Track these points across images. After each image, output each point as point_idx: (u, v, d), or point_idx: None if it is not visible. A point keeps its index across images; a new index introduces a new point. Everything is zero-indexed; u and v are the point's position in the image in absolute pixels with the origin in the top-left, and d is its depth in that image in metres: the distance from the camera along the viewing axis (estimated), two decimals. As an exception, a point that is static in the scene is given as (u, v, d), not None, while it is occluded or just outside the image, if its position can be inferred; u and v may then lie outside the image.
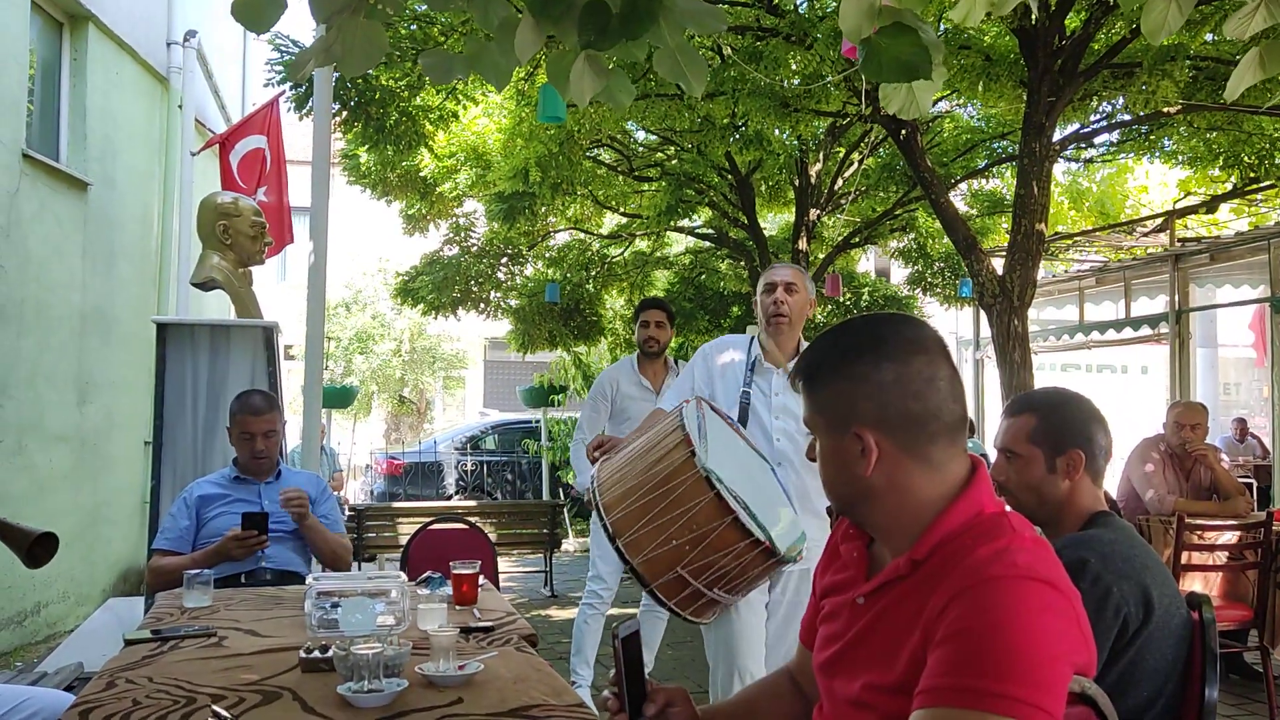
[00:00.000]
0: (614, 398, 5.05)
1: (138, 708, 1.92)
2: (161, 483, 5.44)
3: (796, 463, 3.19)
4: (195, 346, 5.52)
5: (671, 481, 2.18)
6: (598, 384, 5.19)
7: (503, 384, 22.25)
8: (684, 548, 2.16)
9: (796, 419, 3.17)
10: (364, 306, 18.78)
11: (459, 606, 2.87)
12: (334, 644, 2.20)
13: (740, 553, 2.17)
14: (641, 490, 2.23)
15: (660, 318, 5.11)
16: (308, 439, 5.74)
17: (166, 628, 2.64)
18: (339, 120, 6.70)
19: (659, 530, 2.17)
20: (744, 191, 9.74)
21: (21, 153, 6.18)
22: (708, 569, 2.18)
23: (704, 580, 2.17)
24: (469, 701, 1.95)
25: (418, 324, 18.34)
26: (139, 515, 8.07)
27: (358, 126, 6.75)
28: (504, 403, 19.98)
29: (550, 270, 12.01)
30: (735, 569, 2.20)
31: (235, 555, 3.49)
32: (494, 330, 17.67)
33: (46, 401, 6.60)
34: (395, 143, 6.96)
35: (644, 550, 2.19)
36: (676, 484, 2.18)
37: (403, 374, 18.92)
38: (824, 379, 1.45)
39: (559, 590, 8.43)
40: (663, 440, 2.31)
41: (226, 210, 5.78)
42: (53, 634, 6.48)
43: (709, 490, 2.14)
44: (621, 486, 2.29)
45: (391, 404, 19.29)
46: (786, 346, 3.36)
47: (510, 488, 13.35)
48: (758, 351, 3.35)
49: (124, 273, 7.88)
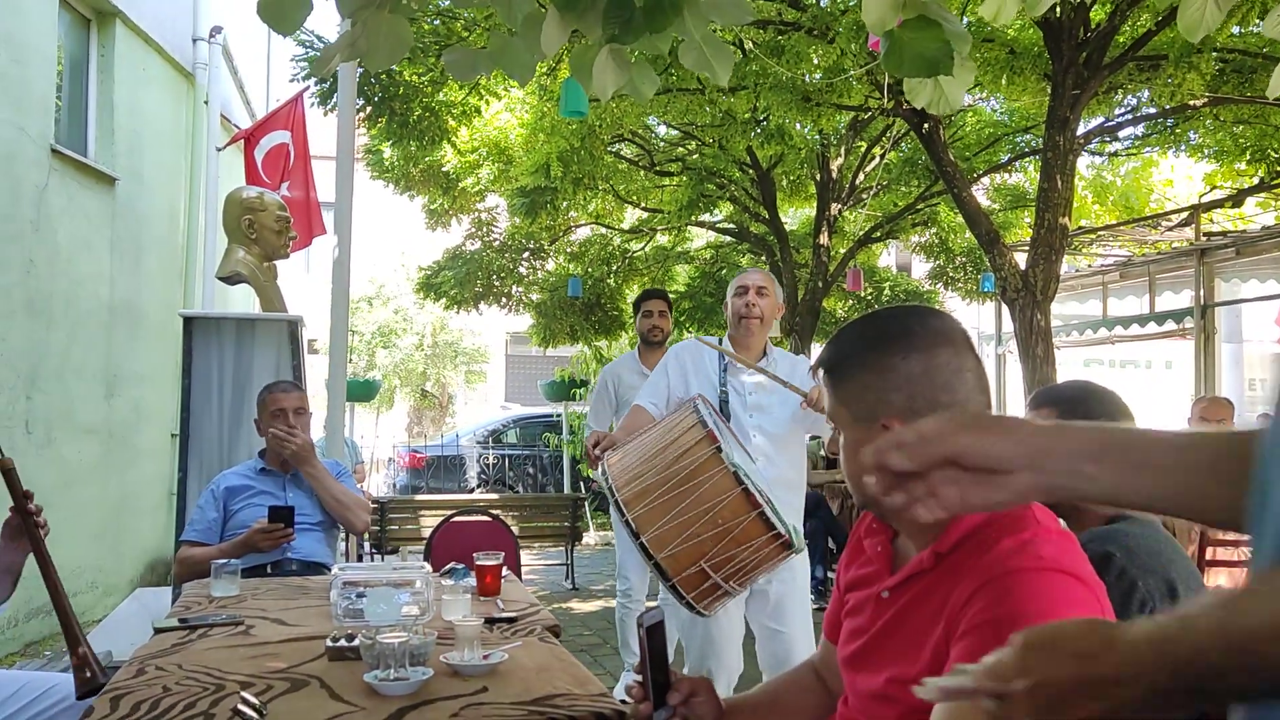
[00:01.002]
0: (617, 390, 5.08)
1: (167, 694, 1.95)
2: (188, 475, 5.51)
3: (774, 458, 3.37)
4: (221, 340, 5.57)
5: (697, 478, 2.21)
6: (600, 379, 5.27)
7: (524, 378, 22.33)
8: (707, 543, 2.19)
9: (771, 417, 3.41)
10: (386, 301, 18.87)
11: (482, 598, 2.89)
12: (360, 633, 2.22)
13: (760, 546, 2.20)
14: (664, 487, 2.25)
15: (662, 307, 5.23)
16: (332, 431, 5.79)
17: (194, 616, 2.67)
18: (363, 116, 6.74)
19: (683, 526, 2.20)
20: (765, 186, 9.72)
21: (50, 148, 6.25)
22: (729, 562, 2.21)
23: (723, 573, 2.20)
24: (494, 690, 1.97)
25: (440, 318, 18.43)
26: (165, 507, 8.15)
27: (381, 122, 6.79)
28: (525, 397, 20.05)
29: (571, 265, 12.03)
30: (752, 562, 2.24)
31: (261, 547, 3.55)
32: (515, 325, 17.73)
33: (75, 394, 6.68)
34: (418, 138, 7.00)
35: (668, 546, 2.22)
36: (701, 480, 2.20)
37: (425, 368, 19.01)
38: (850, 372, 1.45)
39: (580, 583, 8.46)
40: (681, 437, 2.33)
41: (252, 205, 5.83)
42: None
43: (736, 485, 2.17)
44: (640, 484, 2.31)
45: (414, 398, 19.38)
46: (756, 347, 3.53)
47: (532, 481, 13.41)
48: (728, 353, 3.44)
49: (151, 267, 7.96)
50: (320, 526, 3.83)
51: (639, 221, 12.02)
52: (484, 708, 1.86)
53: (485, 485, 12.91)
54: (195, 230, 8.66)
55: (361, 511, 3.86)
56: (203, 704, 1.89)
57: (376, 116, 6.76)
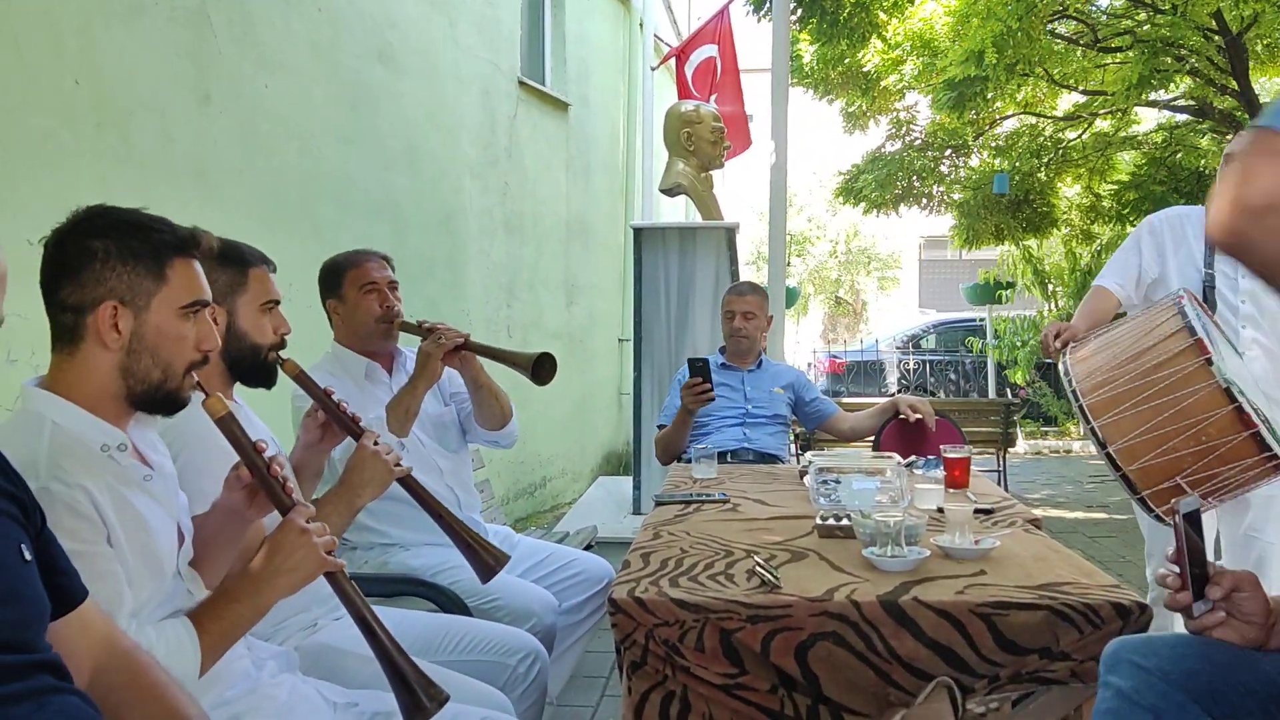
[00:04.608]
0: None
1: (686, 555, 2.18)
2: (641, 375, 6.01)
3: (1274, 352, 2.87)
4: (666, 248, 5.96)
5: (1178, 390, 2.05)
6: None
7: (938, 283, 21.65)
8: (1186, 459, 2.04)
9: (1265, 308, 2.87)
10: (799, 210, 19.09)
11: (951, 490, 2.89)
12: (850, 513, 2.32)
13: (1249, 467, 2.02)
14: (1137, 397, 2.11)
15: None
16: (773, 334, 5.99)
17: (682, 494, 2.93)
18: (795, 19, 6.77)
19: (1159, 440, 2.06)
20: (1235, 54, 8.47)
21: (518, 80, 6.96)
22: (1209, 480, 2.05)
23: (1201, 490, 2.04)
24: (992, 574, 1.98)
25: (853, 225, 18.33)
26: (616, 405, 9.00)
27: (811, 23, 6.78)
28: (940, 301, 19.47)
29: (997, 160, 11.36)
30: (1236, 481, 2.06)
31: (689, 406, 3.67)
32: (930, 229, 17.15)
33: (543, 302, 7.50)
34: (849, 35, 6.91)
35: (1139, 459, 2.09)
36: (1184, 394, 2.04)
37: (838, 275, 19.07)
38: None
39: (1014, 490, 8.18)
40: (1161, 343, 2.15)
41: (689, 118, 6.13)
42: (555, 504, 7.46)
43: (1227, 403, 1.98)
44: (1110, 391, 2.18)
45: (828, 305, 19.55)
46: None
47: (954, 387, 13.08)
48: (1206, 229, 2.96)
49: (598, 185, 8.67)
50: (774, 421, 4.02)
51: (1075, 107, 11.03)
52: (989, 588, 1.88)
53: (905, 391, 12.80)
54: (634, 148, 9.28)
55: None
56: (719, 565, 2.09)
57: (807, 18, 6.76)
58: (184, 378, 1.54)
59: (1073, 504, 8.00)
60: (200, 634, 1.46)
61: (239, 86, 3.98)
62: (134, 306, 1.49)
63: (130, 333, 1.49)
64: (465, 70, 6.12)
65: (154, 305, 1.50)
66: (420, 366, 2.68)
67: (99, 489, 1.42)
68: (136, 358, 1.50)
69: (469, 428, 3.02)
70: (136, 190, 3.10)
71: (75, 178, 3.12)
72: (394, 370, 2.89)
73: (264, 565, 1.49)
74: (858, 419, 4.03)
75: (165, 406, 1.55)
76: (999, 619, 1.80)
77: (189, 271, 1.55)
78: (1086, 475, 9.51)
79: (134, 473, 1.52)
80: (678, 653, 1.84)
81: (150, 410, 1.55)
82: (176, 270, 1.53)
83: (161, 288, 1.51)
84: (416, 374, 2.67)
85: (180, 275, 1.53)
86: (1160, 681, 1.46)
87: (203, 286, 1.57)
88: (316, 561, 1.51)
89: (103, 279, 1.47)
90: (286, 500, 1.56)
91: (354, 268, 2.79)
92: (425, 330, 2.75)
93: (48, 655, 1.15)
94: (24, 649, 1.12)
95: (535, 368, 2.81)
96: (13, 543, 1.15)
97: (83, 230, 1.49)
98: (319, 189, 4.56)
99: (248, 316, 2.01)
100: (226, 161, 3.89)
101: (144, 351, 1.50)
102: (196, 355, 1.55)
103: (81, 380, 1.49)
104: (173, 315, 1.52)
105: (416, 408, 2.66)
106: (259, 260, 2.06)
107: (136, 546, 1.46)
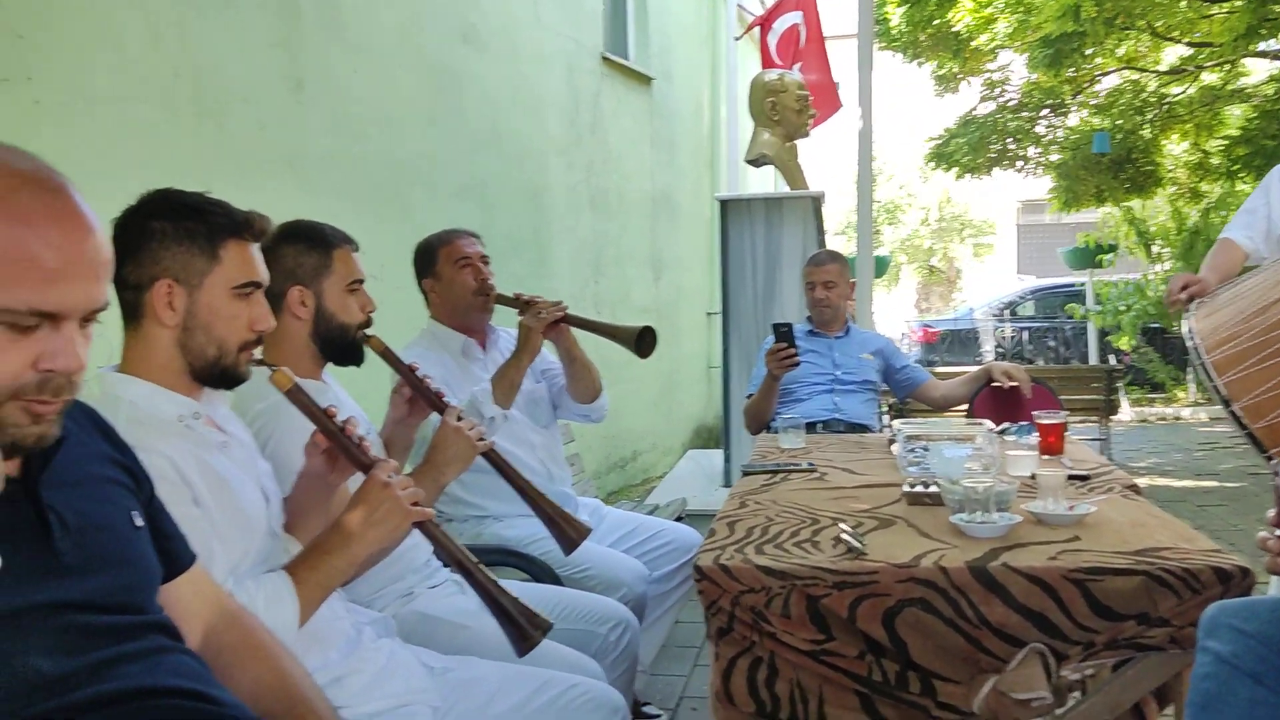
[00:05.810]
0: None
1: (772, 523, 2.18)
2: (729, 348, 6.00)
3: None
4: (752, 219, 5.92)
5: None
6: None
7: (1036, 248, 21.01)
8: None
9: None
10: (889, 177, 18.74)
11: (1045, 456, 2.82)
12: (937, 481, 2.30)
13: None
14: (1264, 352, 2.01)
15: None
16: (860, 302, 5.93)
17: (770, 463, 2.93)
18: (881, -20, 6.63)
19: None
20: (1353, -4, 8.02)
21: (601, 56, 6.97)
22: None
23: None
24: (1087, 540, 1.94)
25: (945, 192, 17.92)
26: (704, 379, 9.00)
27: (898, -16, 6.63)
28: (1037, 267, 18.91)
29: (1097, 119, 10.97)
30: None
31: (774, 371, 3.59)
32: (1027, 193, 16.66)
33: (630, 278, 7.53)
34: (938, -6, 6.73)
35: (1265, 416, 2.01)
36: None
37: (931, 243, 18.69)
38: None
39: (1118, 459, 7.94)
40: None
41: (774, 87, 6.07)
42: (646, 478, 7.52)
43: None
44: (1235, 347, 2.09)
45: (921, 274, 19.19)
46: None
47: (1053, 354, 12.73)
48: None
49: (682, 159, 8.64)
50: (864, 388, 3.97)
51: (1180, 60, 10.57)
52: (1083, 554, 1.84)
53: (1002, 359, 12.49)
54: (718, 121, 9.22)
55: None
56: (805, 533, 2.09)
57: (894, -21, 6.62)
58: (238, 354, 1.60)
59: (1181, 472, 7.74)
60: (297, 585, 1.53)
61: (328, 73, 4.07)
62: (187, 285, 1.55)
63: (185, 310, 1.55)
64: (548, 48, 6.15)
65: (206, 284, 1.56)
66: (523, 340, 2.75)
67: (179, 454, 1.50)
68: (191, 334, 1.56)
69: (560, 403, 3.08)
70: (233, 180, 3.20)
71: (178, 168, 3.24)
72: (488, 347, 2.95)
73: (352, 518, 1.55)
74: (950, 386, 3.96)
75: (224, 381, 1.62)
76: (1093, 584, 1.76)
77: (243, 253, 1.60)
78: (1195, 442, 9.17)
79: (211, 438, 1.59)
80: (764, 619, 1.85)
81: (211, 384, 1.62)
82: (230, 251, 1.58)
83: (214, 267, 1.56)
84: (520, 348, 2.75)
85: (234, 256, 1.58)
86: (1261, 646, 1.42)
87: (257, 269, 1.62)
88: (403, 512, 1.56)
89: (159, 258, 1.54)
90: (365, 459, 1.62)
91: (447, 245, 2.85)
92: (523, 303, 2.81)
93: (159, 617, 1.22)
94: (137, 610, 1.18)
95: (639, 340, 2.86)
96: (124, 510, 1.22)
97: (145, 212, 1.57)
98: (407, 172, 4.65)
99: (334, 297, 2.07)
100: (318, 148, 3.99)
101: (198, 329, 1.56)
102: (250, 335, 1.60)
103: (147, 357, 1.56)
104: (225, 295, 1.57)
105: (520, 380, 2.73)
106: (342, 240, 2.11)
107: (223, 504, 1.54)
